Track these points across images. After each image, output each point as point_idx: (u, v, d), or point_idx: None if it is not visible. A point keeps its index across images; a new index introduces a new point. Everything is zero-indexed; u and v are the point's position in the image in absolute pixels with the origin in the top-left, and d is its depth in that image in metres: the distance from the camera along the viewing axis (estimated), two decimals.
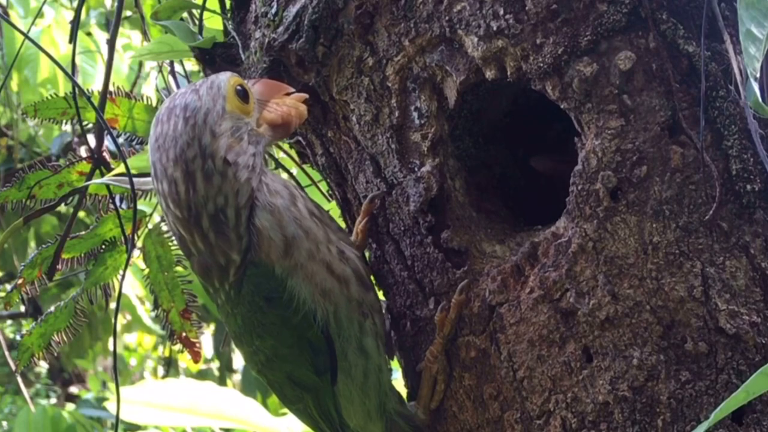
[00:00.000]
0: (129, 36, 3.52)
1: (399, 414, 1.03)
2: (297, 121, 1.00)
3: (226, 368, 4.16)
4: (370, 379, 1.01)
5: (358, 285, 0.99)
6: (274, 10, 1.06)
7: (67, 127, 2.72)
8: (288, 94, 1.01)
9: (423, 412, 1.04)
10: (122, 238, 1.37)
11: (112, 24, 1.54)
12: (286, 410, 1.30)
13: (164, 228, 1.37)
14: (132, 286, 3.40)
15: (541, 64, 0.92)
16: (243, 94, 0.95)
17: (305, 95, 1.02)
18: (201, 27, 1.24)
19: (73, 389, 4.98)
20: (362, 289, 1.00)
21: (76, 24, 1.49)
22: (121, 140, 1.38)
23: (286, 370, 1.02)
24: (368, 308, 1.00)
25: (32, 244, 3.67)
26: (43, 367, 4.92)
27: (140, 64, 3.08)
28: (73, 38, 1.48)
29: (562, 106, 0.94)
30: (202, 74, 1.26)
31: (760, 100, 0.84)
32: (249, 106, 0.96)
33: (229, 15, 1.19)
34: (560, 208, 0.95)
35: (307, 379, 1.01)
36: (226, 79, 0.95)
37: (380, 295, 1.11)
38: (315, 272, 0.96)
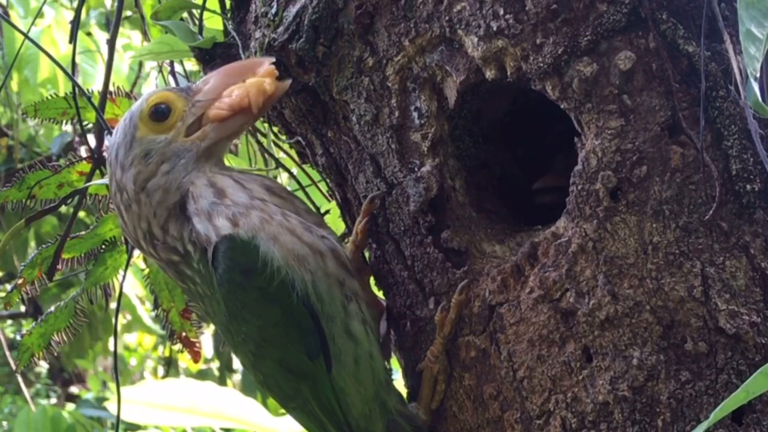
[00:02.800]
0: (129, 36, 3.51)
1: (400, 414, 1.03)
2: (258, 99, 1.00)
3: (226, 368, 4.16)
4: (361, 366, 1.00)
5: (336, 263, 1.00)
6: (274, 10, 1.06)
7: (68, 127, 2.72)
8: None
9: (424, 413, 1.04)
10: (122, 238, 1.37)
11: (112, 24, 1.54)
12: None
13: None
14: (132, 286, 3.41)
15: (541, 64, 0.92)
16: (161, 113, 0.99)
17: (271, 70, 1.01)
18: (201, 27, 1.24)
19: (73, 389, 4.98)
20: (343, 269, 1.00)
21: (76, 24, 1.49)
22: None
23: (277, 356, 1.01)
24: (351, 292, 1.01)
25: (32, 244, 3.67)
26: (43, 367, 4.92)
27: (140, 64, 3.08)
28: (73, 38, 1.48)
29: (562, 106, 0.94)
30: (202, 74, 1.26)
31: (760, 100, 0.84)
32: (169, 121, 1.00)
33: (229, 15, 1.19)
34: (560, 208, 0.95)
35: (300, 363, 1.00)
36: (139, 105, 1.00)
37: (380, 295, 1.11)
38: (278, 233, 0.97)
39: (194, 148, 1.00)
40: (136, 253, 1.42)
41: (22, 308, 3.61)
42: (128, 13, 3.12)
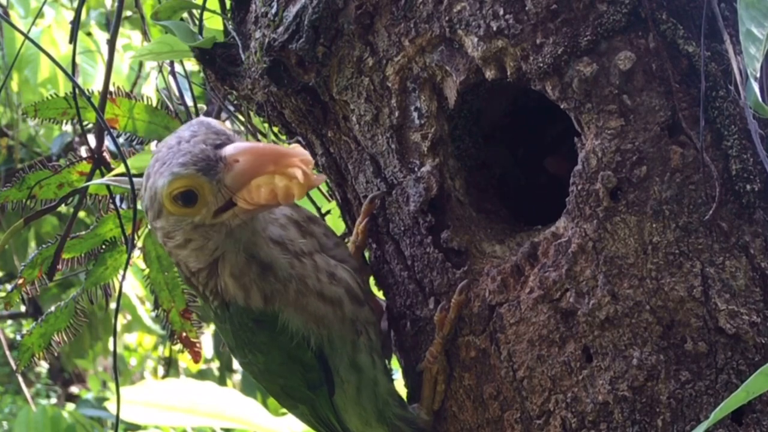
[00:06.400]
0: (129, 36, 3.51)
1: (400, 418, 1.03)
2: (285, 200, 0.88)
3: (226, 368, 4.16)
4: (363, 393, 1.01)
5: (351, 303, 0.99)
6: (274, 10, 1.06)
7: (68, 127, 2.73)
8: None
9: (426, 413, 1.04)
10: (122, 238, 1.38)
11: (112, 24, 1.54)
12: (286, 410, 1.30)
13: None
14: (132, 286, 3.40)
15: (541, 64, 0.92)
16: (187, 199, 0.88)
17: (307, 161, 0.88)
18: (201, 27, 1.24)
19: (73, 389, 4.98)
20: (356, 306, 1.00)
21: (76, 24, 1.49)
22: (121, 140, 1.38)
23: (279, 383, 1.03)
24: (362, 324, 1.00)
25: (32, 244, 3.67)
26: (43, 367, 4.92)
27: (140, 64, 3.08)
28: (73, 38, 1.48)
29: (562, 106, 0.94)
30: (202, 74, 1.26)
31: (760, 100, 0.84)
32: (196, 207, 0.89)
33: (229, 15, 1.19)
34: (560, 208, 0.95)
35: (300, 393, 1.01)
36: (162, 186, 0.88)
37: (380, 295, 1.11)
38: (307, 304, 0.96)
39: (224, 229, 0.91)
40: (136, 253, 1.42)
41: (22, 308, 3.61)
42: (128, 13, 3.12)
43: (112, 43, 1.47)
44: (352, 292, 1.00)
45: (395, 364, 1.10)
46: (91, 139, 1.44)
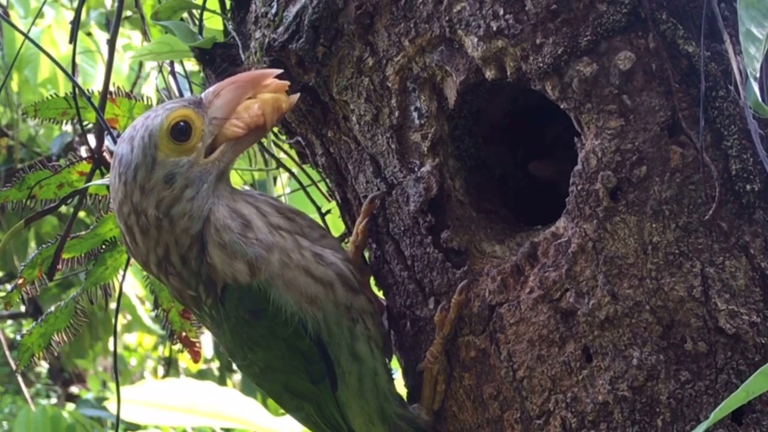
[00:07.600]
0: (129, 36, 3.52)
1: (401, 417, 1.03)
2: (273, 116, 0.97)
3: (226, 368, 4.16)
4: (365, 384, 1.01)
5: (344, 289, 0.99)
6: (274, 11, 1.06)
7: (68, 127, 2.73)
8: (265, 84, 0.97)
9: (426, 413, 1.04)
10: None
11: (112, 24, 1.54)
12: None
13: None
14: (132, 286, 3.41)
15: (541, 64, 0.92)
16: (182, 132, 0.93)
17: (284, 84, 0.98)
18: (201, 27, 1.24)
19: (73, 389, 4.98)
20: (350, 293, 1.00)
21: (76, 24, 1.49)
22: None
23: (281, 380, 1.02)
24: (358, 313, 1.00)
25: (32, 244, 3.68)
26: (43, 367, 4.92)
27: (140, 64, 3.08)
28: (73, 38, 1.48)
29: (561, 106, 0.94)
30: (202, 74, 1.26)
31: (759, 100, 0.84)
32: (190, 142, 0.93)
33: (229, 15, 1.19)
34: (560, 208, 0.95)
35: (303, 388, 1.01)
36: (159, 123, 0.92)
37: (380, 295, 1.11)
38: (294, 278, 0.96)
39: (214, 170, 0.95)
40: None
41: (22, 308, 3.62)
42: (128, 13, 3.13)
43: (112, 43, 1.47)
44: (344, 276, 0.99)
45: (395, 364, 1.10)
46: (91, 139, 1.44)
